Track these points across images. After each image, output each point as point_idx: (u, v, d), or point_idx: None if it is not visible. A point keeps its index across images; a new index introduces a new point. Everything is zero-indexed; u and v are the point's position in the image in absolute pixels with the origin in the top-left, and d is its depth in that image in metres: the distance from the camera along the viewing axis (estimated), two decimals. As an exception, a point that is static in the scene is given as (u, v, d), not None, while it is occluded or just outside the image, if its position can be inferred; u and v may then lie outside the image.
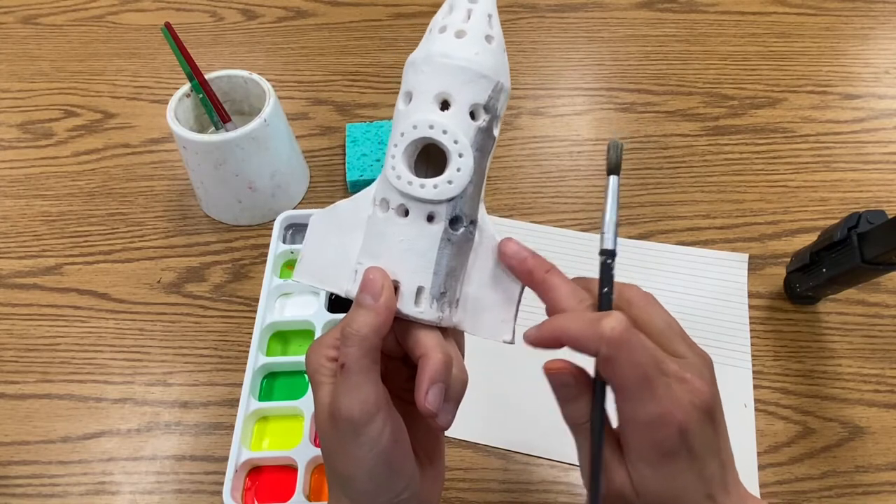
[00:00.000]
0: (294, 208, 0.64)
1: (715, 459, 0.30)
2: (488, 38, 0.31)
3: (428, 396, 0.29)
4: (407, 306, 0.31)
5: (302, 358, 0.51)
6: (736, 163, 0.67)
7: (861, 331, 0.55)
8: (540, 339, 0.31)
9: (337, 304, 0.56)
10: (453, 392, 0.30)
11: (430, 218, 0.31)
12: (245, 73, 0.61)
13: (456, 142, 0.30)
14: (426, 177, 0.31)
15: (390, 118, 0.71)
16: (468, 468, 0.48)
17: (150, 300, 0.58)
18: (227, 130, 0.59)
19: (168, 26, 0.58)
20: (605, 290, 0.31)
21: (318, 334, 0.53)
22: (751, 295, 0.57)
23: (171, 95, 0.58)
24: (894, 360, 0.53)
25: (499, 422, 0.50)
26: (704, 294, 0.56)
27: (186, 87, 0.59)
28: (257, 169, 0.59)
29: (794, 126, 0.70)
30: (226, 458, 0.47)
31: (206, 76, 0.59)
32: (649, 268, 0.58)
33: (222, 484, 0.46)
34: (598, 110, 0.73)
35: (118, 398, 0.53)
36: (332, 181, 0.67)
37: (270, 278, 0.56)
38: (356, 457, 0.30)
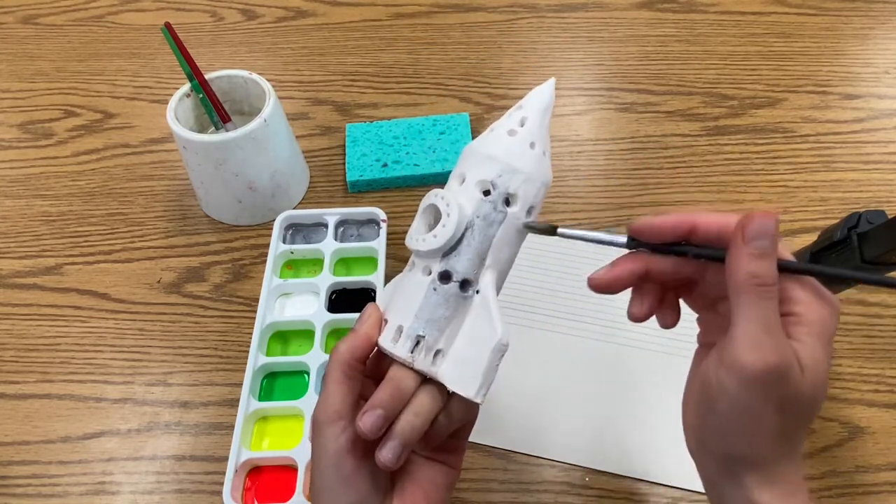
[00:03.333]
0: (294, 208, 0.64)
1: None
2: (532, 145, 0.35)
3: (364, 417, 0.31)
4: (384, 340, 0.34)
5: (302, 358, 0.51)
6: (736, 163, 0.67)
7: (861, 331, 0.55)
8: (663, 224, 0.33)
9: (337, 304, 0.56)
10: (399, 430, 0.32)
11: (427, 271, 0.35)
12: (245, 73, 0.61)
13: (448, 204, 0.34)
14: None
15: (390, 118, 0.72)
16: (468, 468, 0.48)
17: (150, 300, 0.58)
18: (227, 130, 0.59)
19: (168, 26, 0.58)
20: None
21: (318, 334, 0.53)
22: (751, 295, 0.57)
23: (171, 95, 0.58)
24: (894, 360, 0.53)
25: (498, 422, 0.50)
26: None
27: (186, 87, 0.59)
28: (257, 169, 0.59)
29: (794, 126, 0.70)
30: (226, 458, 0.47)
31: (206, 76, 0.59)
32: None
33: (222, 484, 0.46)
34: (598, 110, 0.73)
35: (118, 398, 0.53)
36: (332, 181, 0.67)
37: (270, 278, 0.56)
38: (316, 456, 0.33)
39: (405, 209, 0.64)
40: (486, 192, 0.34)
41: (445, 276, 0.34)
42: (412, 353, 0.33)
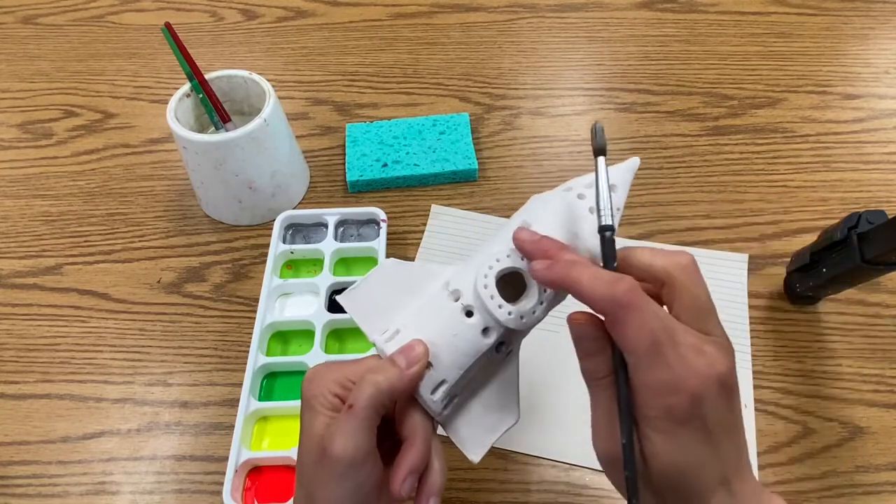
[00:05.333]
0: (294, 208, 0.64)
1: (730, 440, 0.29)
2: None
3: (404, 484, 0.31)
4: (425, 389, 0.33)
5: (302, 358, 0.51)
6: (736, 163, 0.67)
7: (861, 331, 0.55)
8: (547, 278, 0.31)
9: (337, 304, 0.56)
10: (431, 486, 0.32)
11: (485, 331, 0.33)
12: (245, 73, 0.61)
13: (545, 290, 0.33)
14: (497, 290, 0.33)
15: (390, 118, 0.71)
16: (468, 468, 0.48)
17: (150, 300, 0.58)
18: (227, 130, 0.59)
19: (168, 26, 0.58)
20: (614, 264, 0.31)
21: (318, 334, 0.53)
22: (751, 295, 0.57)
23: (171, 95, 0.58)
24: (894, 360, 0.53)
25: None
26: (704, 294, 0.56)
27: (186, 87, 0.59)
28: (257, 169, 0.59)
29: (794, 126, 0.70)
30: (226, 458, 0.47)
31: (206, 76, 0.60)
32: (649, 268, 0.58)
33: (222, 484, 0.46)
34: (598, 110, 0.73)
35: (118, 398, 0.53)
36: (332, 181, 0.67)
37: (270, 278, 0.56)
38: (337, 495, 0.31)
39: (405, 209, 0.64)
40: None
41: (500, 345, 0.34)
42: (444, 409, 0.33)
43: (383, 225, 0.59)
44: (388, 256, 0.58)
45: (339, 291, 0.57)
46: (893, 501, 0.47)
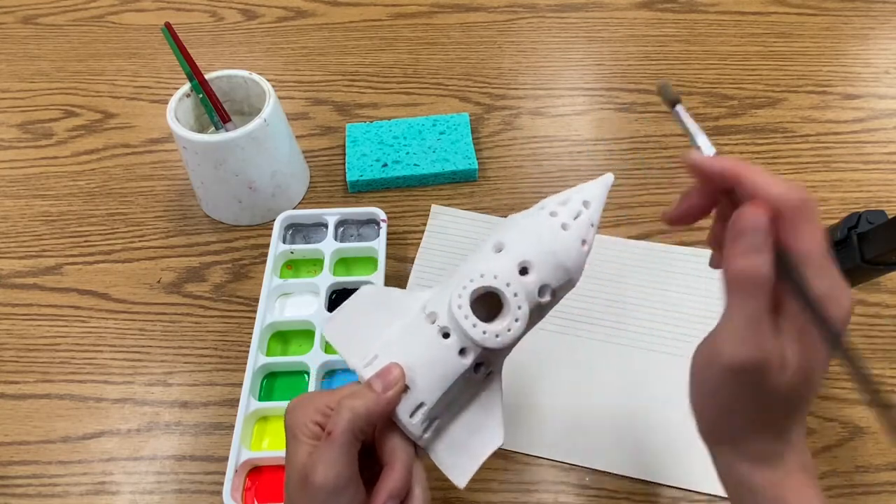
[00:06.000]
0: (294, 208, 0.64)
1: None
2: (583, 242, 0.35)
3: None
4: (403, 412, 0.33)
5: (302, 358, 0.51)
6: (736, 163, 0.67)
7: (861, 331, 0.54)
8: (711, 168, 0.30)
9: (337, 304, 0.56)
10: None
11: (462, 351, 0.33)
12: (245, 73, 0.61)
13: (519, 307, 0.33)
14: (472, 309, 0.34)
15: (390, 118, 0.72)
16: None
17: (150, 300, 0.58)
18: (227, 130, 0.59)
19: (168, 26, 0.58)
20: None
21: (318, 334, 0.53)
22: (751, 295, 0.57)
23: (171, 95, 0.58)
24: (894, 360, 0.53)
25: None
26: (704, 294, 0.56)
27: (186, 87, 0.59)
28: (257, 169, 0.59)
29: (794, 126, 0.70)
30: (226, 458, 0.47)
31: (206, 76, 0.60)
32: (649, 268, 0.58)
33: (222, 484, 0.46)
34: (598, 110, 0.73)
35: (118, 398, 0.53)
36: (332, 181, 0.67)
37: (270, 278, 0.56)
38: None
39: (405, 209, 0.64)
40: (540, 291, 0.34)
41: (478, 366, 0.34)
42: (424, 432, 0.33)
43: (383, 225, 0.59)
44: (388, 257, 0.58)
45: (339, 291, 0.57)
46: (893, 501, 0.47)
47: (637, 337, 0.54)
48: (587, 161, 0.67)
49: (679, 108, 0.34)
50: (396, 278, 0.58)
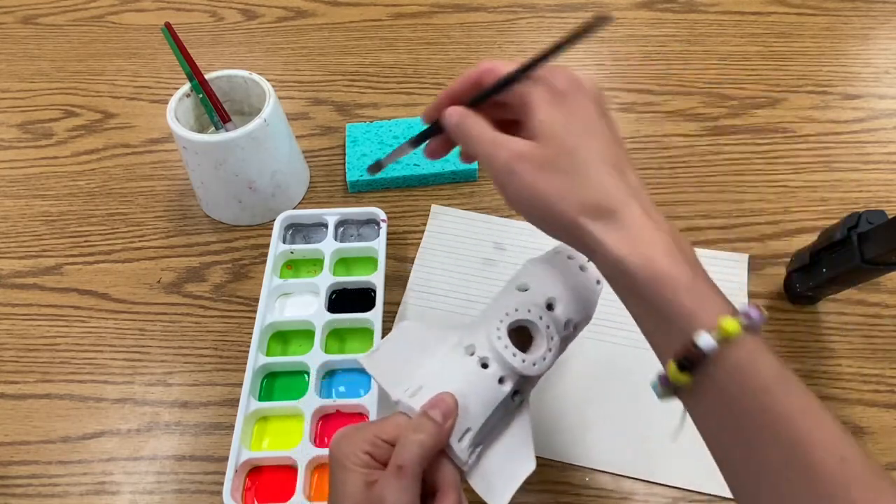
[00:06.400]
0: (294, 208, 0.64)
1: (603, 171, 0.32)
2: (598, 282, 0.40)
3: None
4: (453, 437, 0.34)
5: (302, 358, 0.51)
6: (736, 163, 0.67)
7: (861, 331, 0.55)
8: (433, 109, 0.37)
9: (337, 304, 0.56)
10: None
11: (501, 380, 0.36)
12: (245, 73, 0.61)
13: (552, 338, 0.37)
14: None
15: (390, 118, 0.72)
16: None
17: (150, 300, 0.58)
18: (227, 130, 0.59)
19: (168, 26, 0.58)
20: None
21: (317, 334, 0.53)
22: (751, 295, 0.57)
23: (171, 95, 0.58)
24: (894, 360, 0.53)
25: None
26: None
27: (186, 87, 0.59)
28: (257, 169, 0.59)
29: (794, 126, 0.70)
30: (226, 458, 0.47)
31: (206, 76, 0.59)
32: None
33: (222, 484, 0.46)
34: (598, 110, 0.73)
35: (118, 398, 0.53)
36: (332, 181, 0.67)
37: (270, 278, 0.56)
38: None
39: (405, 209, 0.64)
40: (566, 325, 0.38)
41: (515, 393, 0.37)
42: (469, 457, 0.35)
43: (383, 225, 0.59)
44: (388, 257, 0.58)
45: (338, 292, 0.57)
46: (893, 501, 0.47)
47: (637, 337, 0.54)
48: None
49: (382, 160, 0.42)
50: (396, 278, 0.58)
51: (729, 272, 0.58)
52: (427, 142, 0.39)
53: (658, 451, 0.48)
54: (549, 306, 0.38)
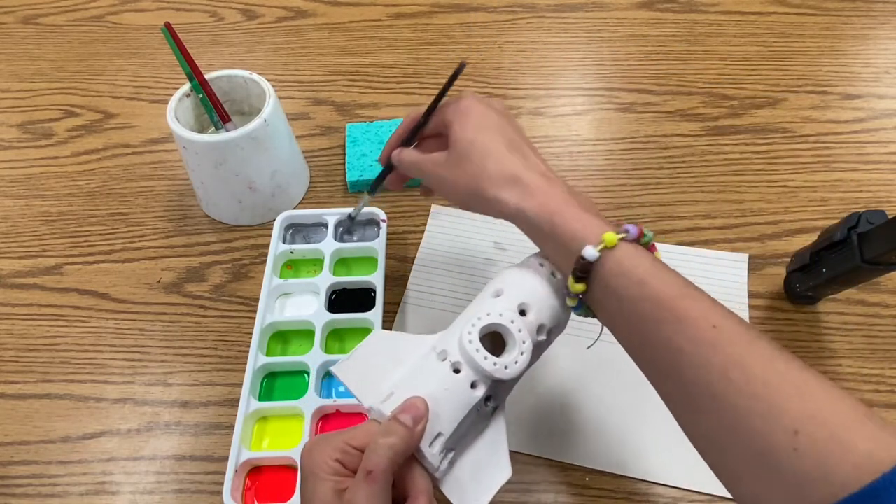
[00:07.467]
0: (294, 208, 0.64)
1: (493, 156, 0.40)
2: None
3: None
4: (424, 443, 0.34)
5: (302, 358, 0.51)
6: (736, 163, 0.67)
7: (861, 331, 0.55)
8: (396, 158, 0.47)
9: (337, 304, 0.56)
10: None
11: (473, 384, 0.36)
12: (245, 73, 0.61)
13: (524, 342, 0.37)
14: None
15: (390, 118, 0.72)
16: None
17: (150, 300, 0.58)
18: (227, 130, 0.59)
19: (168, 26, 0.58)
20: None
21: (318, 334, 0.53)
22: (751, 295, 0.57)
23: (171, 95, 0.58)
24: (894, 360, 0.53)
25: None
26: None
27: (186, 87, 0.59)
28: (257, 169, 0.59)
29: (794, 126, 0.70)
30: (226, 458, 0.47)
31: (206, 76, 0.59)
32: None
33: (222, 484, 0.46)
34: (598, 110, 0.73)
35: (118, 398, 0.53)
36: (332, 181, 0.67)
37: (270, 278, 0.56)
38: None
39: (405, 209, 0.64)
40: (538, 330, 0.38)
41: (488, 399, 0.37)
42: (440, 462, 0.35)
43: (383, 225, 0.59)
44: (388, 257, 0.58)
45: (338, 292, 0.57)
46: (893, 501, 0.47)
47: (637, 337, 0.54)
48: (587, 161, 0.67)
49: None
50: (396, 278, 0.58)
51: (729, 272, 0.58)
52: (383, 183, 0.50)
53: (658, 451, 0.48)
54: (522, 312, 0.38)
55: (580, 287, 0.36)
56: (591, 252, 0.34)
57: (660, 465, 0.48)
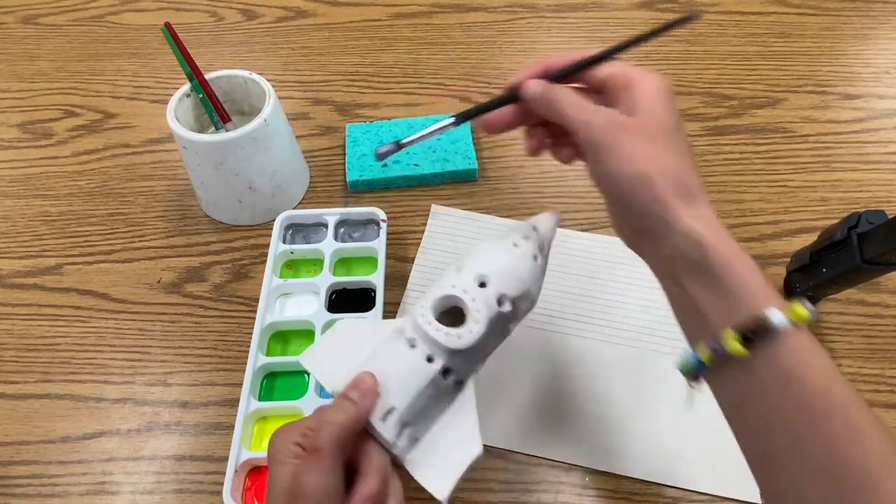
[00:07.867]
0: (294, 208, 0.64)
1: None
2: (535, 257, 0.40)
3: None
4: (374, 417, 0.34)
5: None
6: (736, 163, 0.67)
7: (861, 331, 0.54)
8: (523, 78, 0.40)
9: (337, 304, 0.56)
10: None
11: (430, 359, 0.36)
12: (245, 73, 0.61)
13: (478, 311, 0.37)
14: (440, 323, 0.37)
15: (390, 118, 0.72)
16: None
17: (150, 300, 0.58)
18: (227, 130, 0.59)
19: (168, 26, 0.58)
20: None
21: (317, 334, 0.53)
22: (751, 295, 0.57)
23: (171, 95, 0.58)
24: (894, 360, 0.53)
25: (498, 422, 0.50)
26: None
27: (186, 87, 0.59)
28: (257, 169, 0.59)
29: (794, 126, 0.70)
30: (226, 458, 0.47)
31: (206, 76, 0.59)
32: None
33: (222, 484, 0.46)
34: (598, 110, 0.73)
35: (118, 398, 0.53)
36: (332, 181, 0.67)
37: (270, 278, 0.56)
38: None
39: (405, 209, 0.64)
40: (499, 301, 0.38)
41: (446, 372, 0.36)
42: (397, 437, 0.34)
43: (383, 225, 0.59)
44: (388, 257, 0.58)
45: (338, 292, 0.57)
46: (893, 501, 0.47)
47: (637, 337, 0.54)
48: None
49: (402, 141, 0.41)
50: (396, 278, 0.58)
51: (729, 272, 0.58)
52: (478, 117, 0.40)
53: (658, 451, 0.48)
54: (482, 284, 0.38)
55: (741, 351, 0.30)
56: (780, 318, 0.29)
57: (660, 465, 0.48)
